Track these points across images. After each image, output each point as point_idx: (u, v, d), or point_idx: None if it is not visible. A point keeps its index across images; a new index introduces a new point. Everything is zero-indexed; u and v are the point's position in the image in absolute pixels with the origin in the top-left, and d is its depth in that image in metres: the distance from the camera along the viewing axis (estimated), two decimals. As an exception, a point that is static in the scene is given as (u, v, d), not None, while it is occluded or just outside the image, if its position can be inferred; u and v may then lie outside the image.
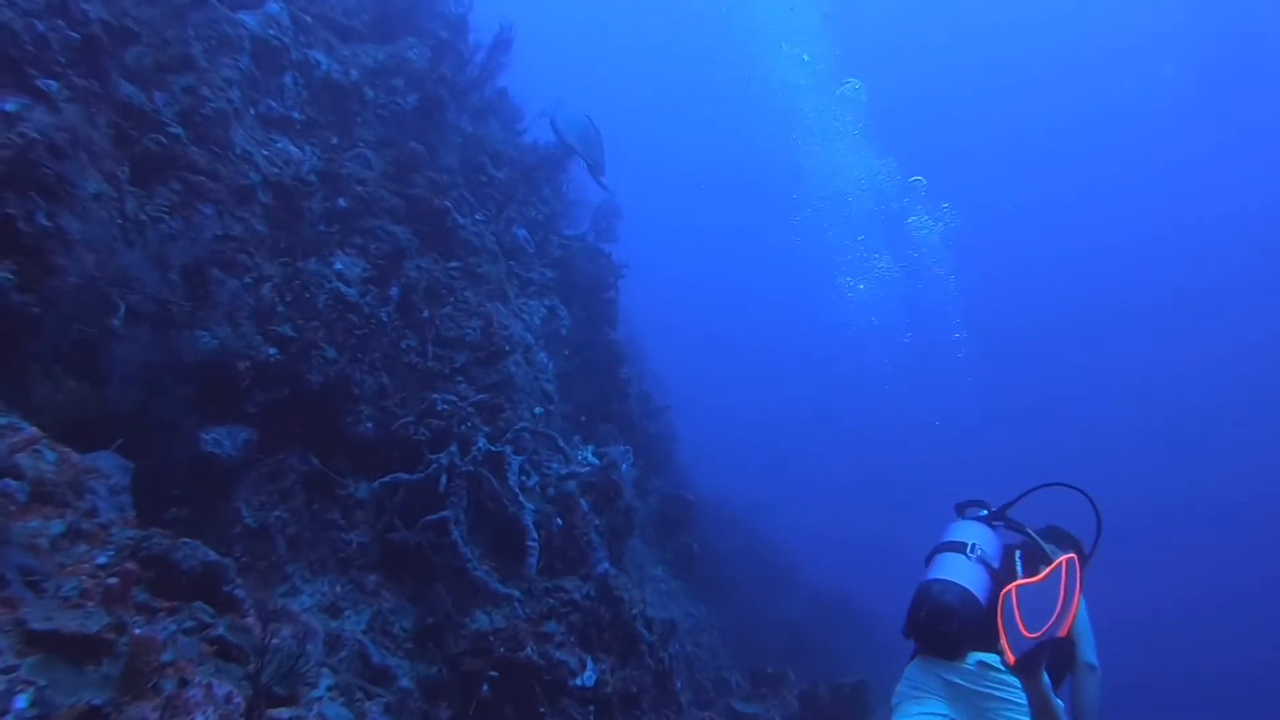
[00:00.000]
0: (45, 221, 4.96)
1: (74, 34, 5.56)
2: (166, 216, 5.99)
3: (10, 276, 4.75)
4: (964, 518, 4.17)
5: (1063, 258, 49.55)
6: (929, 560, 3.91)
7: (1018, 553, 3.93)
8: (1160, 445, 45.13)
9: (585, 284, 10.16)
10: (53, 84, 5.30)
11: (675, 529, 10.83)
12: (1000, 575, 3.76)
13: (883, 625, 21.21)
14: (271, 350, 6.32)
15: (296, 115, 7.29)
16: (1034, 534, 4.01)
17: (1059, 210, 49.89)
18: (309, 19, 7.92)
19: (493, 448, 6.27)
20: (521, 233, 8.22)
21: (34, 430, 4.05)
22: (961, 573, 3.70)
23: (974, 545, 3.81)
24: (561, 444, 6.73)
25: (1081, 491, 3.96)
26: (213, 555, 4.52)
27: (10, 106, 4.98)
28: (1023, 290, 47.68)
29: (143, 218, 5.85)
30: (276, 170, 6.79)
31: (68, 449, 4.54)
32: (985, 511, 4.20)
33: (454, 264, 7.15)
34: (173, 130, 6.18)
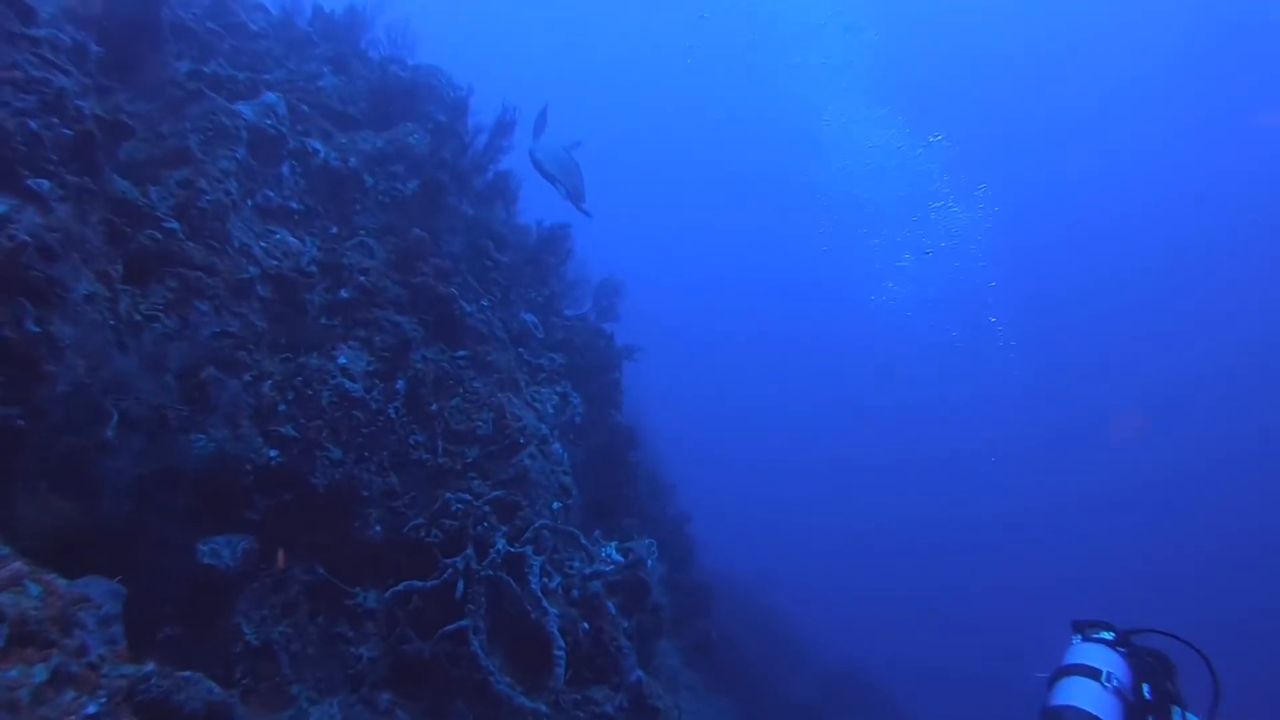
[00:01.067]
0: (34, 327, 4.65)
1: (68, 131, 5.37)
2: (162, 315, 5.71)
3: (-5, 389, 4.40)
4: (1088, 639, 3.87)
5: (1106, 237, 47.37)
6: (1052, 683, 3.59)
7: (1145, 685, 3.64)
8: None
9: (588, 366, 9.91)
10: (45, 183, 5.07)
11: (692, 616, 10.34)
12: (1134, 708, 3.47)
13: (897, 699, 20.50)
14: (272, 452, 5.96)
15: (295, 205, 7.10)
16: (1155, 662, 3.73)
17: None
18: (306, 107, 7.83)
19: (512, 548, 5.89)
20: (529, 317, 7.99)
21: (18, 565, 3.66)
22: (1097, 702, 3.42)
23: (1110, 674, 3.57)
24: (584, 541, 6.35)
25: (1200, 653, 3.73)
26: (217, 691, 4.09)
27: (1, 208, 4.72)
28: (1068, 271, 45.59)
29: (137, 318, 5.56)
30: (275, 262, 6.56)
31: (53, 577, 4.13)
32: (1111, 634, 3.92)
33: (461, 353, 6.87)
34: (168, 225, 5.96)
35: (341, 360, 6.24)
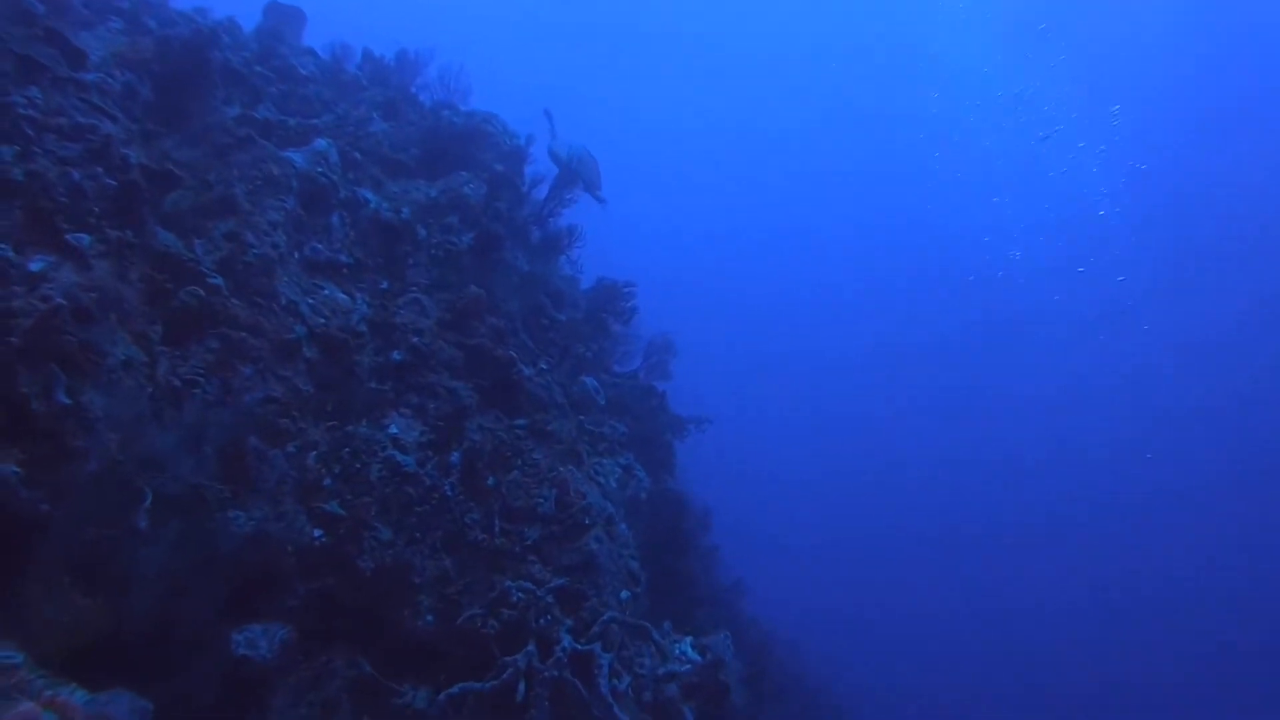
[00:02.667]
0: (64, 398, 4.21)
1: (112, 181, 5.00)
2: (202, 380, 5.26)
3: (17, 469, 3.94)
4: None
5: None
6: None
7: None
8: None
9: (640, 429, 9.36)
10: (85, 238, 4.68)
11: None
12: None
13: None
14: (317, 532, 5.46)
15: (344, 258, 6.70)
16: None
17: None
18: (357, 155, 7.49)
19: (579, 645, 5.30)
20: (590, 381, 7.49)
21: (29, 706, 3.14)
22: None
23: None
24: (656, 636, 5.75)
25: None
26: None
27: (35, 266, 4.32)
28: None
29: (176, 383, 5.12)
30: (323, 321, 6.12)
31: (71, 693, 3.62)
32: None
33: (520, 421, 6.37)
34: (212, 281, 5.55)
35: (392, 430, 5.75)
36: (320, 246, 6.55)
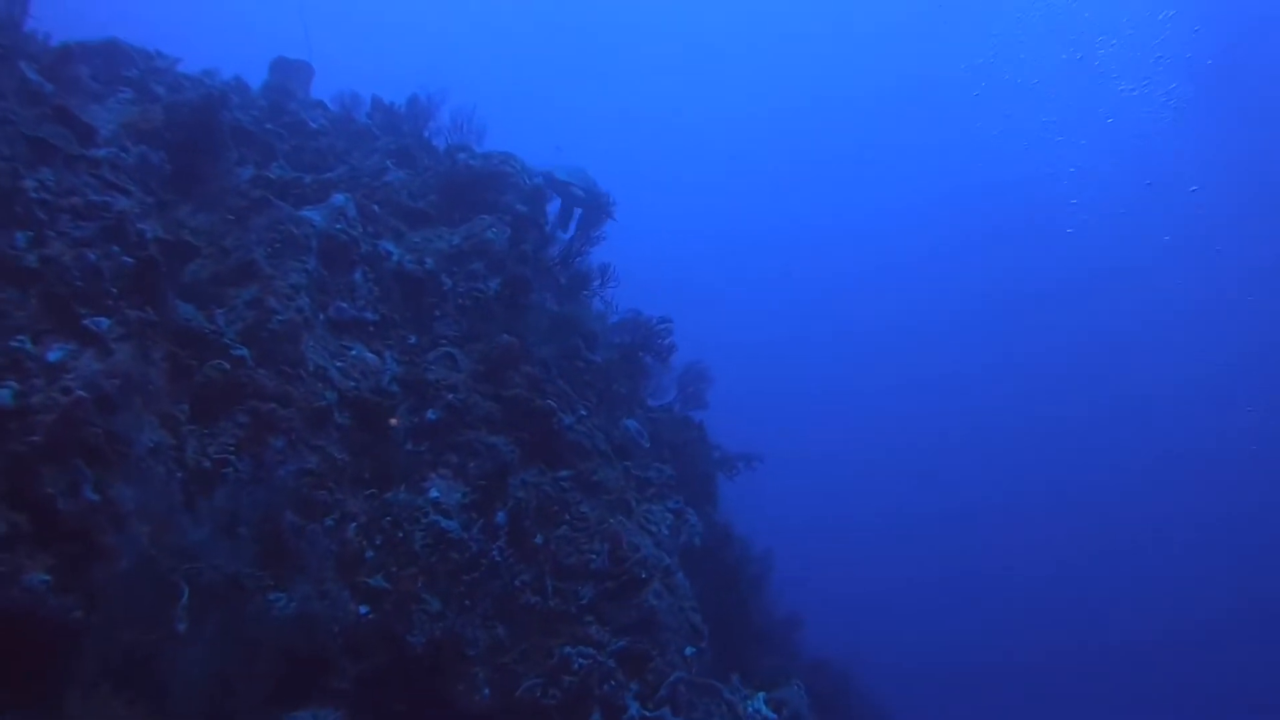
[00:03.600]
0: (92, 495, 3.99)
1: (129, 259, 4.81)
2: (233, 457, 5.04)
3: (46, 578, 3.71)
4: None
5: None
6: None
7: None
8: None
9: (680, 462, 9.05)
10: (104, 321, 4.49)
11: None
12: None
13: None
14: (363, 608, 5.20)
15: (370, 315, 6.50)
16: None
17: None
18: (375, 207, 7.30)
19: (647, 713, 4.98)
20: (632, 424, 7.22)
21: None
22: None
23: None
24: (727, 694, 5.43)
25: None
26: None
27: (54, 356, 4.13)
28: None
29: (206, 464, 4.90)
30: (354, 384, 5.91)
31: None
32: None
33: (564, 473, 6.10)
34: (237, 353, 5.35)
35: (433, 493, 5.50)
36: (345, 305, 6.34)
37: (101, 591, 3.94)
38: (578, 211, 7.95)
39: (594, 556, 5.71)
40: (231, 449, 5.07)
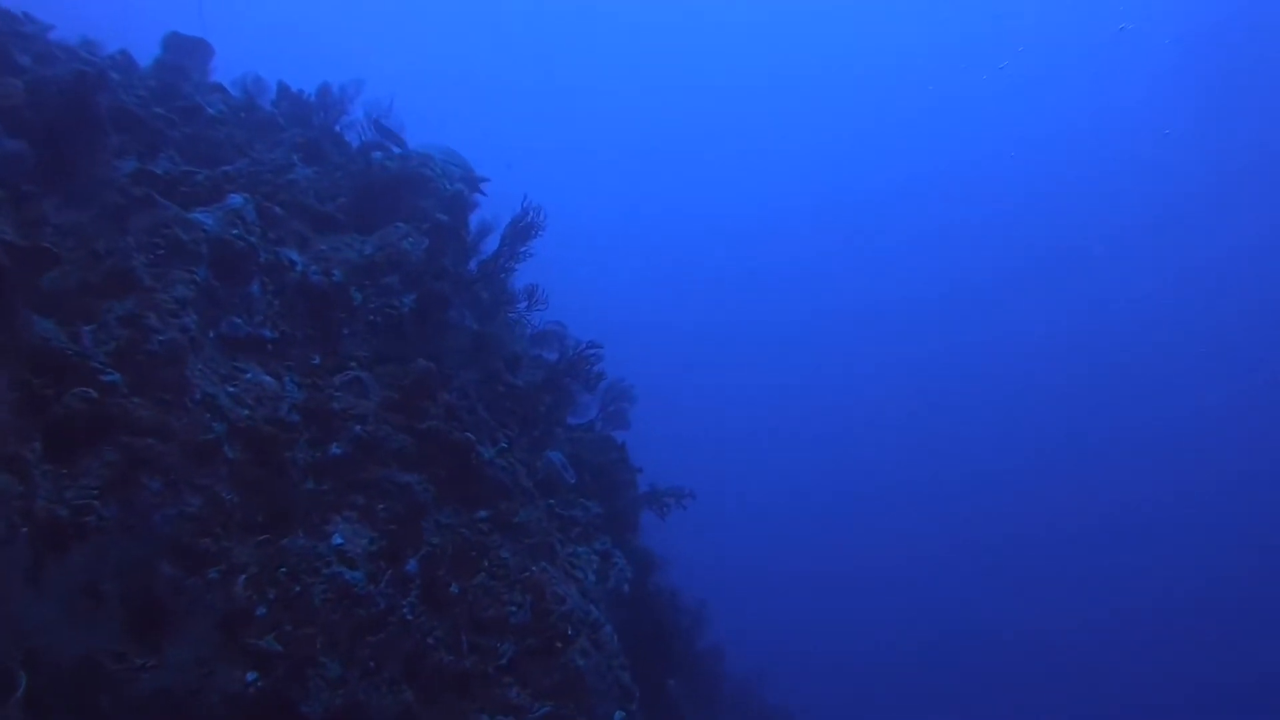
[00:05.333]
0: (-97, 567, 3.18)
1: (-33, 267, 3.97)
2: (97, 503, 4.24)
3: None
4: None
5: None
6: None
7: None
8: None
9: (599, 484, 8.55)
10: (-71, 346, 3.65)
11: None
12: None
13: None
14: (250, 675, 4.47)
15: (268, 333, 5.74)
16: None
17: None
18: (278, 209, 6.51)
19: (572, 791, 4.47)
20: (556, 457, 6.66)
21: None
22: None
23: None
24: (657, 764, 4.98)
25: None
26: None
27: None
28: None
29: (61, 513, 4.09)
30: (246, 412, 5.15)
31: None
32: None
33: (482, 514, 5.52)
34: (106, 379, 4.54)
35: (336, 540, 4.83)
36: (239, 321, 5.56)
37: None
38: (503, 222, 7.33)
39: (514, 609, 5.15)
40: (95, 493, 4.27)
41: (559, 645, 5.04)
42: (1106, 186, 44.45)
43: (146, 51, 8.93)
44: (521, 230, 7.16)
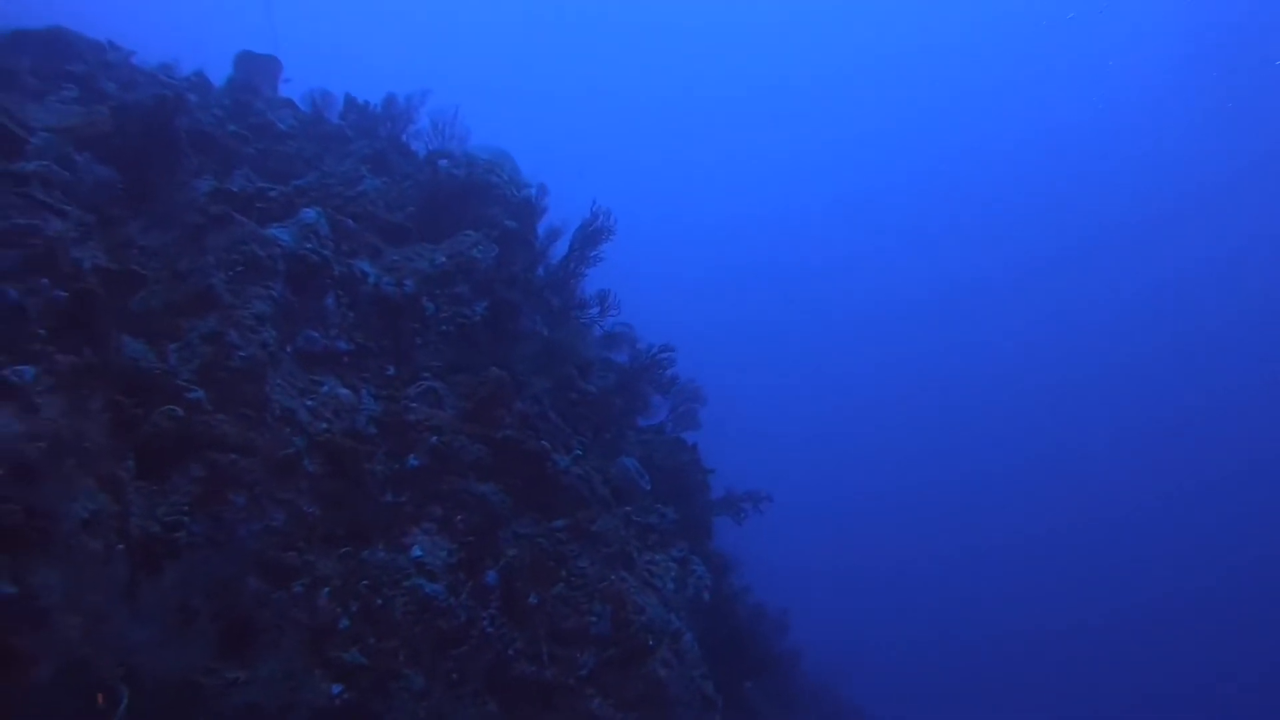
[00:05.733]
0: (4, 587, 3.26)
1: (60, 293, 4.07)
2: (186, 519, 4.31)
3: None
4: None
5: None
6: None
7: None
8: None
9: (671, 487, 8.43)
10: (27, 371, 3.75)
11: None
12: None
13: None
14: (335, 688, 4.50)
15: (343, 345, 5.79)
16: None
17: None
18: (350, 222, 6.57)
19: (657, 807, 4.37)
20: (630, 463, 6.58)
21: None
22: None
23: None
24: (743, 779, 4.85)
25: None
26: None
27: (-40, 421, 3.38)
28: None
29: (154, 529, 4.17)
30: (325, 426, 5.20)
31: None
32: None
33: (559, 523, 5.46)
34: (191, 396, 4.62)
35: (416, 552, 4.83)
36: (316, 335, 5.62)
37: (18, 708, 3.23)
38: (571, 227, 7.26)
39: (594, 619, 5.08)
40: (185, 509, 4.35)
41: (640, 656, 4.94)
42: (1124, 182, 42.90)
43: (218, 65, 9.18)
44: (591, 235, 7.09)
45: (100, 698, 3.40)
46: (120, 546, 3.95)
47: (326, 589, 4.75)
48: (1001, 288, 46.09)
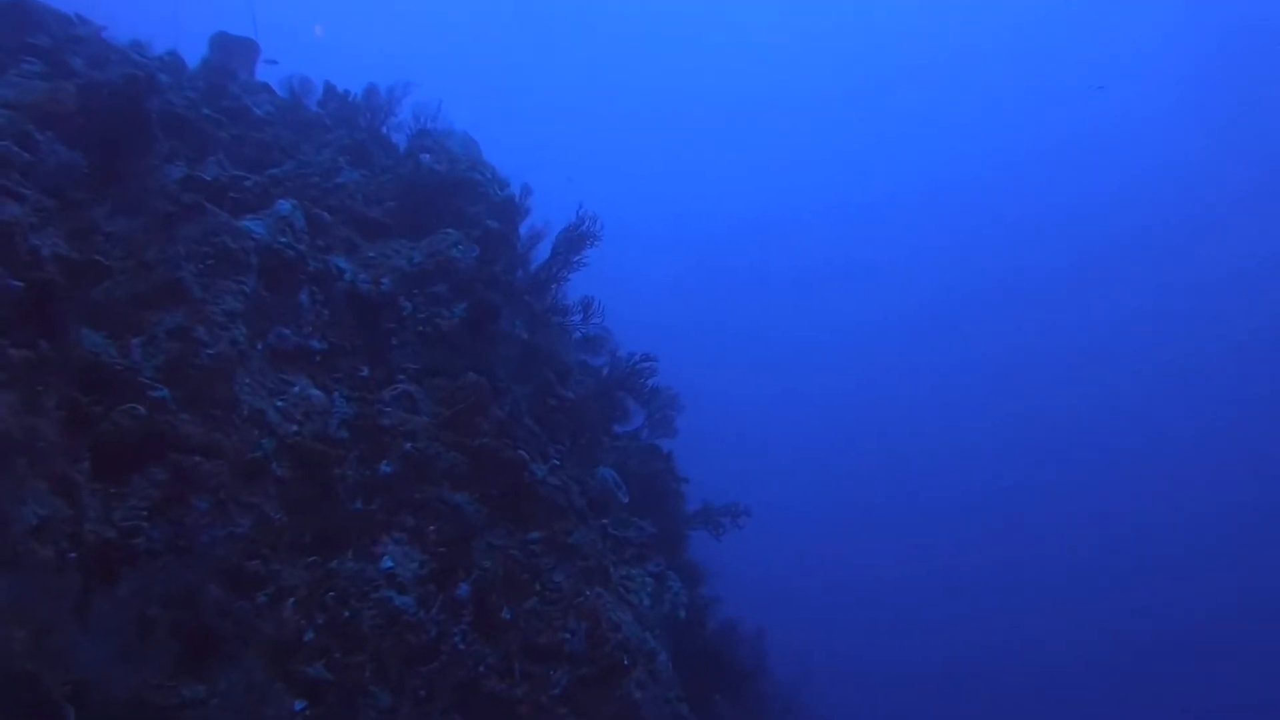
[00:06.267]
0: (-53, 601, 3.04)
1: (15, 283, 3.83)
2: (145, 524, 4.10)
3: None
4: None
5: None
6: None
7: None
8: None
9: (647, 496, 8.30)
10: (-23, 365, 3.51)
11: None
12: None
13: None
14: (298, 704, 4.31)
15: (316, 343, 5.59)
16: None
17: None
18: (326, 215, 6.36)
19: (629, 834, 4.24)
20: (608, 474, 6.44)
21: None
22: None
23: None
24: (717, 805, 4.74)
25: None
26: None
27: (-98, 420, 3.15)
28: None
29: (110, 534, 3.95)
30: (295, 428, 5.00)
31: None
32: None
33: (534, 535, 5.31)
34: (155, 394, 4.40)
35: (386, 563, 4.66)
36: (288, 332, 5.41)
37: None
38: (554, 229, 7.09)
39: (568, 635, 4.94)
40: (144, 514, 4.13)
41: (615, 675, 4.81)
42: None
43: (193, 49, 8.87)
44: (576, 239, 6.93)
45: None
46: (73, 554, 3.73)
47: (292, 599, 4.54)
48: (999, 298, 46.33)
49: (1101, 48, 42.09)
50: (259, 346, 5.30)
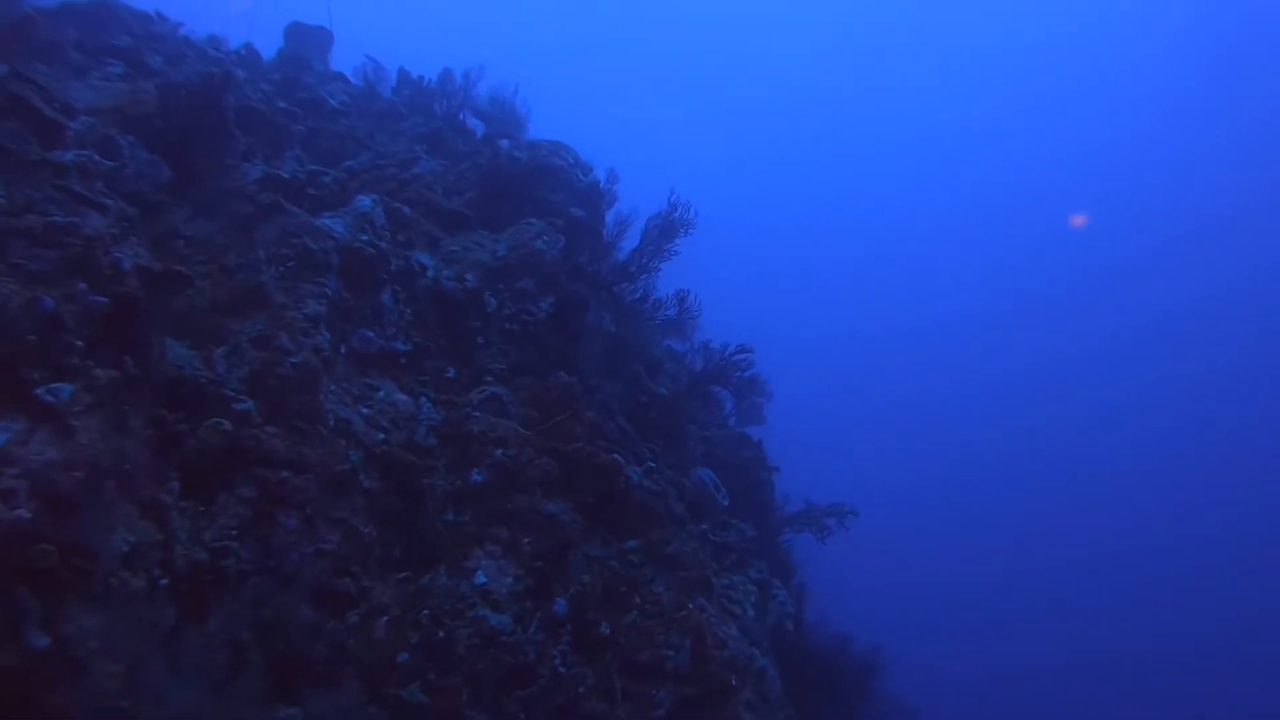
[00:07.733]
0: (38, 639, 2.92)
1: (99, 298, 3.70)
2: (235, 544, 3.96)
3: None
4: None
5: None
6: None
7: None
8: None
9: (737, 487, 7.94)
10: (64, 389, 3.39)
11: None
12: None
13: None
14: (392, 729, 4.14)
15: (400, 345, 5.39)
16: None
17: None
18: (405, 209, 6.14)
19: None
20: (706, 475, 6.12)
21: None
22: None
23: None
24: (836, 839, 4.42)
25: None
26: None
27: (-9, 446, 3.02)
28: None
29: (200, 556, 3.82)
30: (382, 436, 4.82)
31: None
32: None
33: (632, 544, 5.03)
34: (240, 407, 4.26)
35: (480, 579, 4.44)
36: (371, 335, 5.23)
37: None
38: (642, 216, 6.72)
39: (671, 652, 4.66)
40: (233, 532, 4.00)
41: (721, 696, 4.51)
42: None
43: (268, 37, 8.81)
44: (668, 227, 6.55)
45: None
46: (164, 581, 3.61)
47: (384, 618, 4.39)
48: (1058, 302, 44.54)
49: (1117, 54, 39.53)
50: (342, 350, 5.13)
